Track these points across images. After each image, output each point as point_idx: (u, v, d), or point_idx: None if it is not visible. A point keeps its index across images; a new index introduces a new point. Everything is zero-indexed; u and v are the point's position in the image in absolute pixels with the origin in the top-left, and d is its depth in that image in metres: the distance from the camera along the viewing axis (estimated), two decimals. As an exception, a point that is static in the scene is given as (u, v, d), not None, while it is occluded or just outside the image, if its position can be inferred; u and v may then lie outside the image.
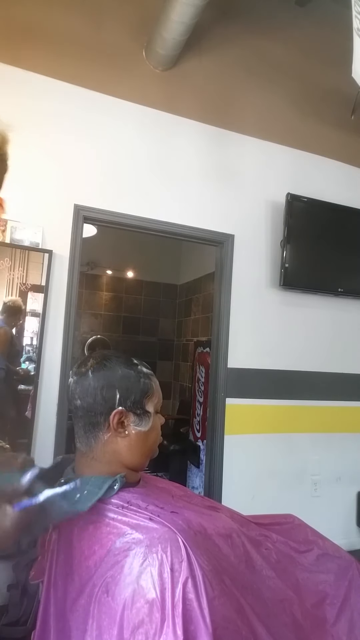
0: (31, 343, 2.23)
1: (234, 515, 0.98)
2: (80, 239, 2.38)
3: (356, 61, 1.72)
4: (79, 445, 0.87)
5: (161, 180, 2.59)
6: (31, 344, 2.23)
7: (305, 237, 2.82)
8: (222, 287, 2.72)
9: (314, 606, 0.89)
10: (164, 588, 0.66)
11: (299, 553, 0.98)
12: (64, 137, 2.36)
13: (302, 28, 3.02)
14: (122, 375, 0.86)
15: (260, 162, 2.86)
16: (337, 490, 2.95)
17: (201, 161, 2.70)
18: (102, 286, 4.98)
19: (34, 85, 2.30)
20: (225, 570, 0.77)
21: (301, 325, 2.91)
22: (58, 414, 2.23)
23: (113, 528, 0.75)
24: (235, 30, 2.82)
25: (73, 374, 0.88)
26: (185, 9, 2.18)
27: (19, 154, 2.51)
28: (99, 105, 2.45)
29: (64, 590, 0.78)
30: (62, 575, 0.79)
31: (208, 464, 2.71)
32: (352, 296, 3.01)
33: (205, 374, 3.42)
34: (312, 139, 3.03)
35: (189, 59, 2.66)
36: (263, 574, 0.86)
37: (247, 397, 2.72)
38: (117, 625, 0.66)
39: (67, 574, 0.78)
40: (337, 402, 2.98)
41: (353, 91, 2.17)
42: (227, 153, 2.78)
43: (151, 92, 2.58)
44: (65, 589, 0.77)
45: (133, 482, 0.88)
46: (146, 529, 0.73)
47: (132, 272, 5.06)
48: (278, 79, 2.93)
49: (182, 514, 0.82)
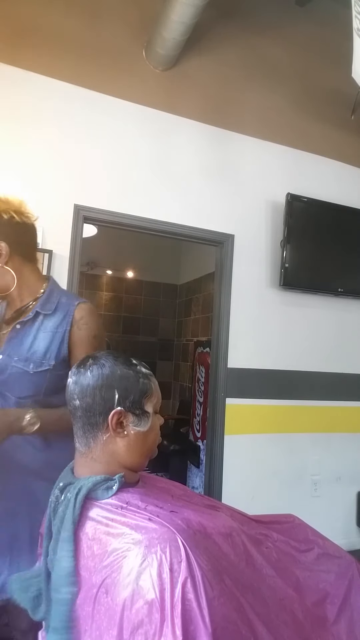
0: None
1: (234, 514, 0.98)
2: (80, 239, 2.38)
3: (356, 61, 1.72)
4: (77, 445, 0.87)
5: (161, 180, 2.59)
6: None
7: (305, 237, 2.82)
8: (222, 287, 2.72)
9: (314, 605, 0.89)
10: (163, 588, 0.66)
11: (299, 552, 0.98)
12: (64, 137, 2.36)
13: (302, 28, 3.02)
14: (121, 375, 0.85)
15: (260, 162, 2.86)
16: (337, 490, 2.95)
17: (201, 161, 2.70)
18: (102, 286, 4.98)
19: (34, 85, 2.30)
20: (225, 570, 0.77)
21: (301, 325, 2.91)
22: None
23: (112, 528, 0.75)
24: (235, 30, 2.82)
25: (72, 374, 0.88)
26: (185, 9, 2.18)
27: (19, 154, 2.51)
28: (99, 105, 2.45)
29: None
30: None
31: (208, 464, 2.71)
32: (352, 296, 3.01)
33: (205, 374, 3.42)
34: (312, 139, 3.03)
35: (189, 59, 2.66)
36: (263, 572, 0.86)
37: (247, 397, 2.72)
38: (116, 626, 0.66)
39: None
40: (337, 402, 2.98)
41: (353, 91, 2.17)
42: (227, 153, 2.78)
43: (151, 92, 2.58)
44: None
45: (132, 482, 0.88)
46: (145, 529, 0.73)
47: (132, 272, 5.06)
48: (278, 78, 2.93)
49: (182, 514, 0.82)
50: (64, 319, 1.15)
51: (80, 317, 1.16)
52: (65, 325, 1.15)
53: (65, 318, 1.15)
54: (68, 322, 1.15)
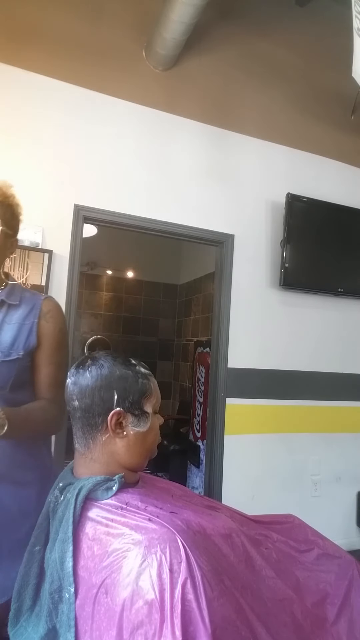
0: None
1: (234, 515, 0.98)
2: (80, 239, 2.38)
3: (356, 61, 1.71)
4: (77, 446, 0.87)
5: (161, 180, 2.58)
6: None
7: (305, 237, 2.82)
8: (222, 287, 2.72)
9: (314, 605, 0.89)
10: (163, 589, 0.65)
11: (299, 552, 0.98)
12: (64, 137, 2.35)
13: (302, 28, 3.01)
14: (119, 375, 0.85)
15: (260, 162, 2.86)
16: (337, 490, 2.95)
17: (201, 161, 2.70)
18: (102, 286, 4.98)
19: (34, 85, 2.30)
20: (225, 570, 0.77)
21: (301, 325, 2.91)
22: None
23: (112, 529, 0.75)
24: (235, 30, 2.82)
25: (71, 375, 0.88)
26: (185, 9, 2.18)
27: (19, 154, 2.50)
28: (99, 105, 2.45)
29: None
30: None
31: (208, 464, 2.71)
32: (352, 296, 3.01)
33: (205, 374, 3.41)
34: (313, 139, 3.02)
35: (189, 58, 2.66)
36: (263, 573, 0.86)
37: (247, 397, 2.72)
38: (116, 627, 0.66)
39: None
40: (337, 402, 2.98)
41: (353, 91, 2.17)
42: (227, 153, 2.78)
43: (151, 92, 2.58)
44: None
45: (132, 482, 0.88)
46: (145, 530, 0.73)
47: (132, 272, 5.06)
48: (278, 78, 2.93)
49: (182, 514, 0.82)
50: (31, 311, 1.14)
51: (47, 310, 1.16)
52: (33, 317, 1.13)
53: (32, 311, 1.14)
54: (35, 314, 1.14)
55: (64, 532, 0.77)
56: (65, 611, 0.73)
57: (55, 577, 0.77)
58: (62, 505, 0.82)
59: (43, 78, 2.33)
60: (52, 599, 0.76)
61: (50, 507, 0.86)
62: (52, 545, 0.80)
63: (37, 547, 0.86)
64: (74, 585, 0.74)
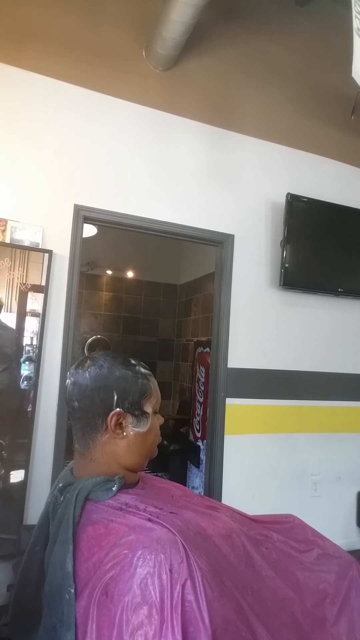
0: (31, 343, 2.22)
1: (234, 515, 0.98)
2: (80, 239, 2.38)
3: (356, 61, 1.71)
4: (77, 446, 0.87)
5: (161, 180, 2.58)
6: (31, 344, 2.22)
7: (305, 237, 2.82)
8: (222, 287, 2.72)
9: (314, 606, 0.89)
10: (163, 590, 0.65)
11: (299, 552, 0.98)
12: (64, 137, 2.35)
13: (302, 28, 3.01)
14: (119, 376, 0.85)
15: (260, 162, 2.86)
16: (337, 490, 2.95)
17: (201, 161, 2.70)
18: (102, 286, 4.98)
19: (34, 85, 2.30)
20: (225, 571, 0.77)
21: (301, 325, 2.91)
22: (58, 414, 2.23)
23: (112, 530, 0.75)
24: (235, 30, 2.82)
25: (70, 375, 0.87)
26: (185, 9, 2.17)
27: (19, 154, 2.51)
28: (99, 105, 2.45)
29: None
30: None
31: (208, 464, 2.71)
32: (352, 296, 3.01)
33: (205, 374, 3.41)
34: (313, 139, 3.02)
35: (189, 59, 2.66)
36: (263, 573, 0.86)
37: (247, 397, 2.72)
38: (116, 627, 0.66)
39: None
40: (337, 402, 2.98)
41: (353, 91, 2.17)
42: (227, 153, 2.77)
43: (151, 92, 2.58)
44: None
45: (132, 483, 0.88)
46: (145, 531, 0.73)
47: (132, 272, 5.06)
48: (278, 78, 2.93)
49: (182, 515, 0.82)
50: None
51: None
52: None
53: None
54: None
55: (64, 532, 0.77)
56: (65, 612, 0.73)
57: (55, 577, 0.76)
58: (62, 505, 0.81)
59: (43, 78, 2.33)
60: (52, 599, 0.76)
61: (50, 508, 0.85)
62: (52, 545, 0.80)
63: (37, 547, 0.86)
64: (74, 586, 0.74)
